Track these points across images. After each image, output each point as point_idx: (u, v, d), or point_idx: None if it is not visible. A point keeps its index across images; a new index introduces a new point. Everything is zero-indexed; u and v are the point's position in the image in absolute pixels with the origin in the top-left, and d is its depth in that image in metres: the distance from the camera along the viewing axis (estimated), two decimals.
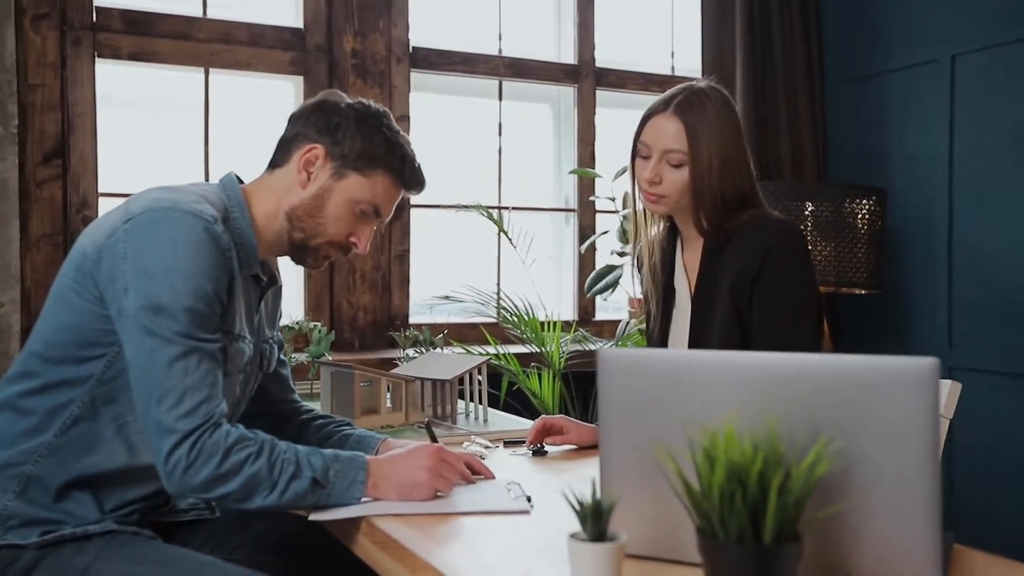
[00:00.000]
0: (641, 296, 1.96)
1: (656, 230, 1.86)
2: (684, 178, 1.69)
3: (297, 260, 1.57)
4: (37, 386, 1.39)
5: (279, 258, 1.65)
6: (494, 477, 1.53)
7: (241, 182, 1.57)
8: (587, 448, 1.79)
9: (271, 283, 1.59)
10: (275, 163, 1.56)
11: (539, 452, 1.75)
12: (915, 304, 3.39)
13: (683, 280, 1.82)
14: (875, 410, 1.00)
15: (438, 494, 1.40)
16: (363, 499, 1.37)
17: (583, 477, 1.54)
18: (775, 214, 1.76)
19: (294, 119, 1.55)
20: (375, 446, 1.60)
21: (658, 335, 1.84)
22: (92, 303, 1.37)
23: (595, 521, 1.00)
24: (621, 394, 1.13)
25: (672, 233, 1.86)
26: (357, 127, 1.50)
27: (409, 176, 1.56)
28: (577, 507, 1.01)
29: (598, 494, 1.01)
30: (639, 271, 1.90)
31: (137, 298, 1.32)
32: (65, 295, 1.40)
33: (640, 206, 1.81)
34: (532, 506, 1.36)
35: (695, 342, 1.74)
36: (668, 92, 1.77)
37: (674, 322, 1.82)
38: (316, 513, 1.35)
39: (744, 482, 0.91)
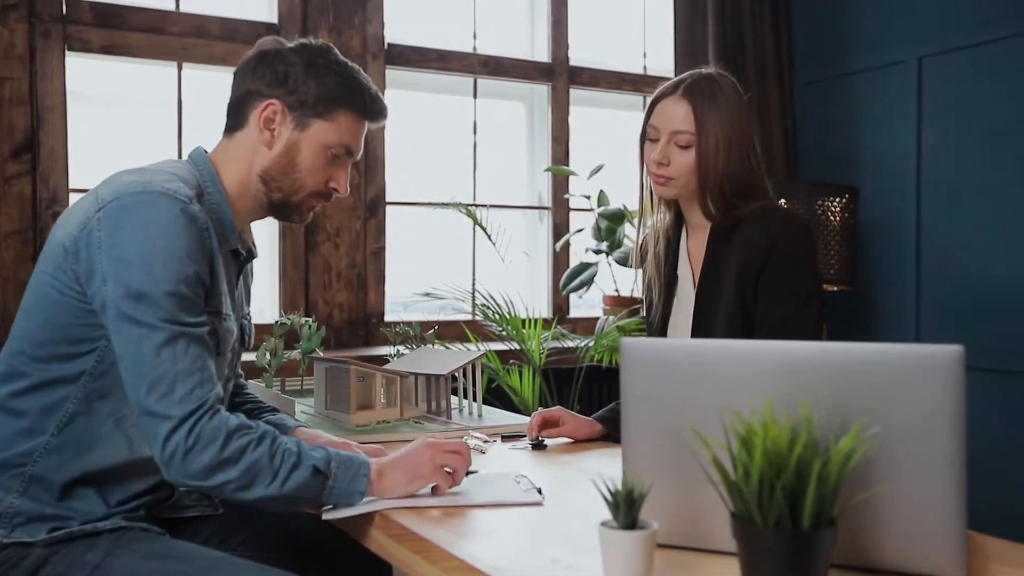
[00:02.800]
0: (615, 293, 1.99)
1: (662, 218, 1.87)
2: (692, 160, 1.71)
3: (282, 218, 1.54)
4: (28, 386, 1.36)
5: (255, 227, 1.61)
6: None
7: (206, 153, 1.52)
8: (584, 441, 1.80)
9: (249, 257, 1.56)
10: (232, 127, 1.50)
11: (539, 446, 1.75)
12: (884, 300, 3.46)
13: (686, 269, 1.83)
14: (902, 397, 1.02)
15: (450, 490, 1.38)
16: (367, 498, 1.34)
17: (586, 468, 1.55)
18: (783, 206, 1.79)
19: (240, 75, 1.49)
20: (289, 430, 1.59)
21: (659, 323, 1.85)
22: (74, 298, 1.34)
23: (627, 509, 1.00)
24: (644, 384, 1.13)
25: (677, 223, 1.87)
26: (307, 71, 1.45)
27: (371, 107, 1.52)
28: (609, 496, 1.01)
29: (627, 482, 1.01)
30: (643, 259, 1.90)
31: (117, 287, 1.28)
32: (45, 292, 1.36)
33: (647, 193, 1.83)
34: (543, 497, 1.36)
35: (698, 330, 1.75)
36: (677, 77, 1.80)
37: (675, 311, 1.83)
38: (329, 513, 1.33)
39: (783, 468, 0.91)
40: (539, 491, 1.39)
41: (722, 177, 1.71)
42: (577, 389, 3.21)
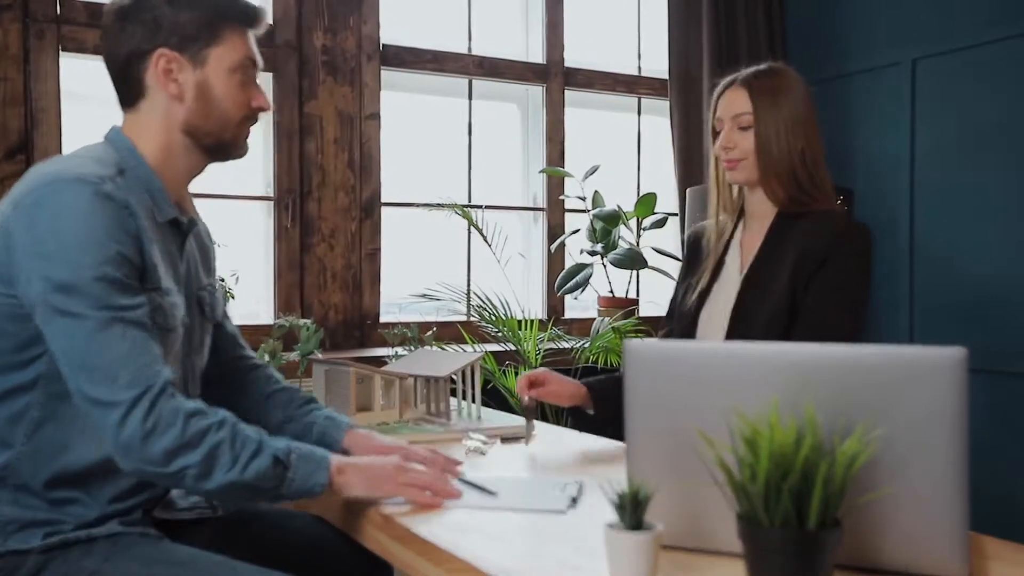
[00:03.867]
0: (610, 295, 2.04)
1: (724, 220, 1.93)
2: (753, 139, 1.79)
3: (222, 158, 1.49)
4: None
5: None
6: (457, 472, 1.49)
7: None
8: (575, 408, 1.85)
9: (191, 225, 1.50)
10: (131, 98, 1.44)
11: (531, 415, 1.78)
12: (878, 302, 3.47)
13: (735, 257, 1.89)
14: (905, 398, 1.02)
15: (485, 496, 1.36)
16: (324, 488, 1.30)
17: (592, 472, 1.56)
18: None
19: (110, 45, 1.43)
20: (343, 428, 1.57)
21: (694, 306, 1.87)
22: (11, 306, 1.29)
23: (633, 511, 1.01)
24: (649, 386, 1.14)
25: (736, 218, 1.93)
26: (172, 7, 1.40)
27: (250, 13, 1.46)
28: (615, 498, 1.01)
29: (633, 484, 1.02)
30: (699, 241, 1.95)
31: (40, 283, 1.24)
32: None
33: (716, 188, 1.91)
34: (566, 509, 1.32)
35: (739, 314, 1.79)
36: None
37: (714, 295, 1.87)
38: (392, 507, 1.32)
39: (789, 469, 0.92)
40: (574, 500, 1.36)
41: (786, 155, 1.78)
42: None
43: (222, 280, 2.79)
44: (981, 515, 2.75)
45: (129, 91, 1.44)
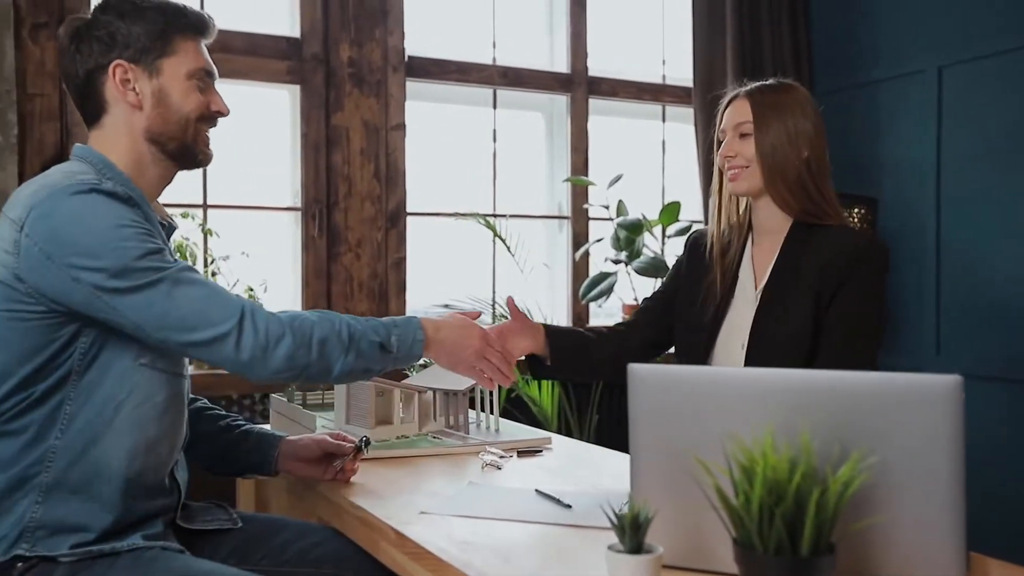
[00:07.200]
0: (634, 302, 2.02)
1: (729, 229, 1.91)
2: (754, 146, 1.78)
3: (188, 164, 1.54)
4: (20, 409, 1.36)
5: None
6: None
7: None
8: (531, 357, 1.83)
9: (171, 230, 1.57)
10: (94, 115, 1.49)
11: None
12: (904, 311, 3.45)
13: (748, 273, 1.85)
14: (901, 426, 1.04)
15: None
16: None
17: (601, 486, 1.58)
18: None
19: (68, 67, 1.47)
20: (277, 444, 1.68)
21: (711, 322, 1.84)
22: (43, 317, 1.34)
23: (633, 533, 1.03)
24: (651, 408, 1.16)
25: (745, 232, 1.90)
26: (125, 21, 1.45)
27: (199, 24, 1.51)
28: (615, 520, 1.04)
29: (634, 506, 1.04)
30: (701, 246, 1.92)
31: (91, 277, 1.30)
32: (3, 331, 1.35)
33: (717, 201, 1.90)
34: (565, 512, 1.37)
35: (759, 331, 1.76)
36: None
37: (729, 314, 1.83)
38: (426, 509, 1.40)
39: (782, 496, 0.94)
40: (568, 505, 1.42)
41: (789, 161, 1.76)
42: (596, 398, 3.24)
43: (251, 290, 2.86)
44: (1012, 528, 2.72)
45: (91, 107, 1.50)
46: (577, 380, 3.09)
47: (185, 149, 1.51)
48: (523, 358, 1.83)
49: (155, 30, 1.46)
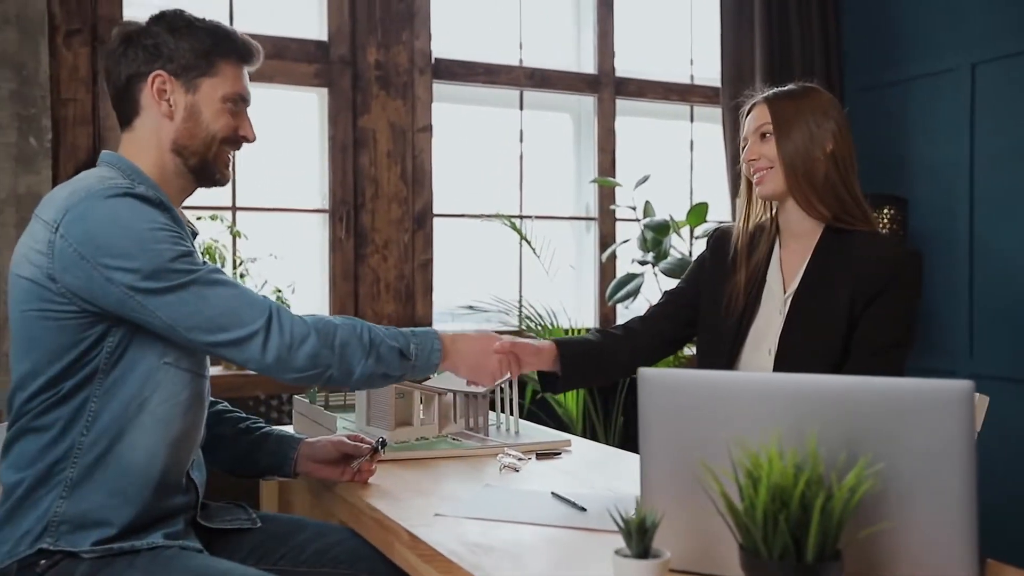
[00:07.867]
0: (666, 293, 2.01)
1: (759, 232, 1.88)
2: (775, 147, 1.77)
3: (206, 182, 1.58)
4: (47, 406, 1.40)
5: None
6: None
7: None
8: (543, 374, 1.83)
9: (194, 234, 1.62)
10: (128, 118, 1.53)
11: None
12: (936, 312, 3.41)
13: (777, 277, 1.83)
14: (911, 431, 1.03)
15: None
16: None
17: (616, 489, 1.58)
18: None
19: (112, 66, 1.52)
20: (296, 446, 1.70)
21: (736, 327, 1.81)
22: (74, 316, 1.38)
23: (640, 538, 1.03)
24: (661, 413, 1.16)
25: (771, 235, 1.88)
26: (174, 36, 1.49)
27: (244, 51, 1.55)
28: (622, 524, 1.04)
29: (641, 511, 1.04)
30: (726, 244, 1.89)
31: (124, 277, 1.35)
32: (39, 328, 1.39)
33: (743, 207, 1.90)
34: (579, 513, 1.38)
35: (789, 336, 1.74)
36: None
37: (759, 317, 1.81)
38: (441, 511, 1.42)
39: (787, 503, 0.94)
40: (583, 508, 1.43)
41: (813, 158, 1.74)
42: (621, 400, 3.23)
43: (279, 291, 2.89)
44: None
45: (126, 109, 1.53)
46: (591, 386, 3.10)
47: (205, 166, 1.55)
48: (535, 375, 1.85)
49: (201, 49, 1.50)
